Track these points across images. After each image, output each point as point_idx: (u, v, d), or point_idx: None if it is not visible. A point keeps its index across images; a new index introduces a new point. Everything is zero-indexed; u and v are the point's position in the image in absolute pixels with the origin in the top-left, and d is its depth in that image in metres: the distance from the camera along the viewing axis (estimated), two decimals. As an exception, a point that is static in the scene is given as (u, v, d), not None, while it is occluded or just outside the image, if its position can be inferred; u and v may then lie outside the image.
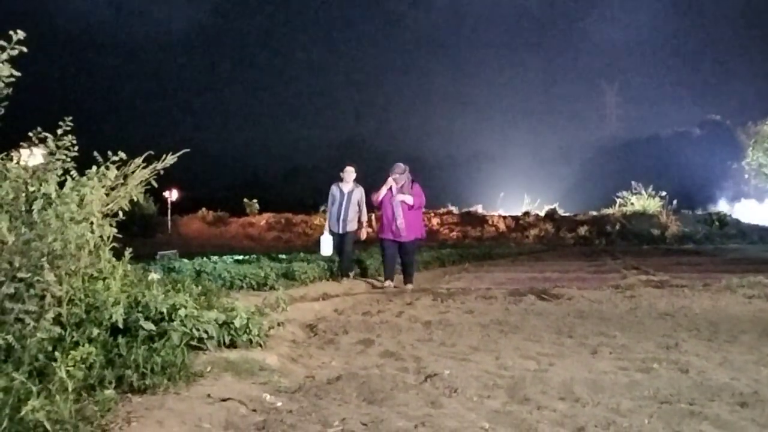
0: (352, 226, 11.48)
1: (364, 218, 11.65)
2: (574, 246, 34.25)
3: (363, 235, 11.72)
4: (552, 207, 42.08)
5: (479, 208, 42.25)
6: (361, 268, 12.85)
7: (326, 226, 11.74)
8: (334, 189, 11.68)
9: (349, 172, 11.63)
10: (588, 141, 59.38)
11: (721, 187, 49.65)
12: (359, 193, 11.57)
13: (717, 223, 37.12)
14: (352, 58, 60.42)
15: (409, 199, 11.13)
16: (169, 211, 36.88)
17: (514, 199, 45.14)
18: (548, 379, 4.23)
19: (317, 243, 12.15)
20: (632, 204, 40.59)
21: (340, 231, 11.42)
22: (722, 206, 47.37)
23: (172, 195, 37.00)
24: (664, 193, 39.81)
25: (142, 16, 56.81)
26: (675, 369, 4.58)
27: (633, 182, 41.17)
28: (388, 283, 11.15)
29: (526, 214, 41.25)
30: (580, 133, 60.14)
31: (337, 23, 58.68)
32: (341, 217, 11.43)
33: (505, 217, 40.64)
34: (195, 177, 35.37)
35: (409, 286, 10.96)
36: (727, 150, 51.37)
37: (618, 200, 41.40)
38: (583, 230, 37.42)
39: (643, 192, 40.64)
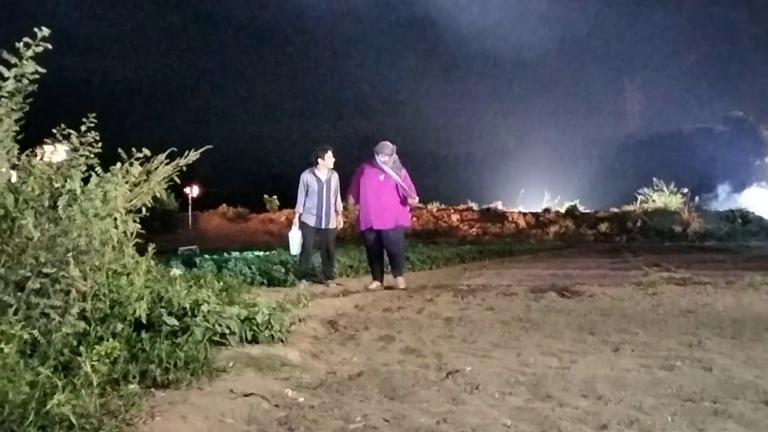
0: (334, 220, 10.26)
1: (340, 207, 10.42)
2: (594, 243, 34.12)
3: (340, 224, 10.54)
4: (572, 204, 41.91)
5: (499, 205, 42.16)
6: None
7: (295, 221, 10.31)
8: (308, 178, 10.18)
9: (330, 158, 10.23)
10: (609, 137, 58.97)
11: (743, 183, 49.17)
12: (336, 180, 10.33)
13: (739, 220, 36.85)
14: (372, 54, 60.39)
15: (414, 201, 10.36)
16: (190, 207, 37.05)
17: (534, 195, 44.97)
18: (570, 377, 4.22)
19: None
20: (653, 201, 40.32)
21: (322, 226, 10.11)
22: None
23: (193, 191, 37.18)
24: (686, 190, 39.56)
25: (161, 13, 56.98)
26: (698, 367, 4.55)
27: (654, 179, 40.90)
28: (375, 284, 10.16)
29: (547, 210, 41.12)
30: (601, 130, 59.73)
31: (356, 19, 58.68)
32: (323, 211, 10.07)
33: (525, 214, 40.52)
34: (216, 173, 35.47)
35: (401, 280, 10.07)
36: (750, 146, 50.95)
37: (639, 197, 41.15)
38: (603, 227, 37.27)
39: (665, 189, 40.37)
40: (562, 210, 41.26)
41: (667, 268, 13.59)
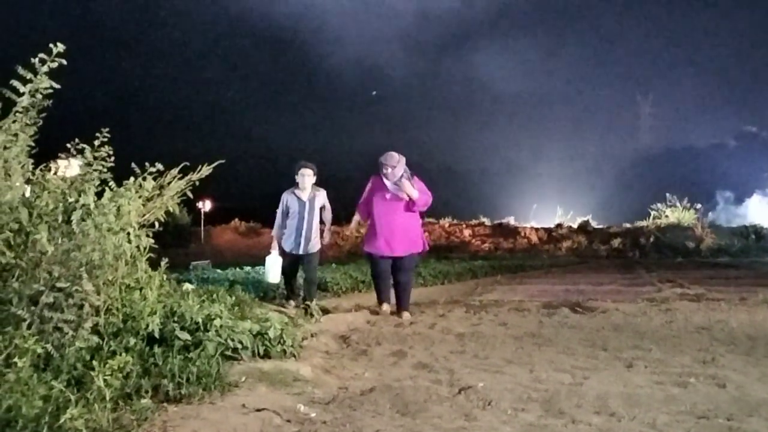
0: (316, 245, 8.83)
1: (328, 222, 9.02)
2: (607, 258, 33.92)
3: (327, 239, 9.04)
4: (585, 219, 41.72)
5: (511, 220, 42.00)
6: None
7: (273, 245, 9.06)
8: (288, 198, 8.89)
9: (307, 176, 8.79)
10: (622, 152, 58.83)
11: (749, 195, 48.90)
12: (322, 197, 8.90)
13: (753, 236, 36.63)
14: (381, 68, 60.51)
15: (414, 193, 8.46)
16: (202, 222, 37.16)
17: (546, 211, 44.83)
18: (583, 393, 4.20)
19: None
20: (666, 216, 40.13)
21: (301, 252, 8.69)
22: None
23: (206, 205, 37.30)
24: (699, 206, 39.39)
25: (180, 26, 57.28)
26: (712, 384, 4.53)
27: (668, 194, 40.73)
28: (385, 306, 8.69)
29: (559, 226, 40.94)
30: (613, 145, 59.61)
31: (367, 34, 58.86)
32: (303, 234, 8.72)
33: (537, 229, 40.36)
34: (228, 188, 35.57)
35: (407, 316, 8.32)
36: (763, 161, 50.76)
37: (652, 212, 40.96)
38: (616, 242, 37.07)
39: (678, 204, 40.19)
40: (575, 225, 41.09)
41: (680, 284, 13.50)
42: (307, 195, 8.79)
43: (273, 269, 8.80)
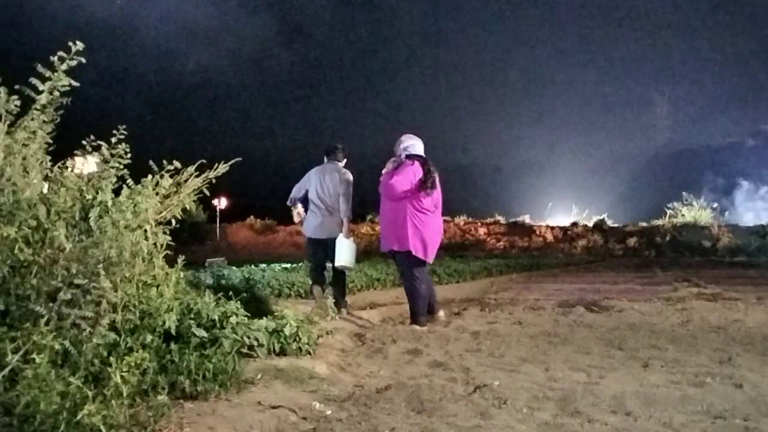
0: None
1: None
2: (623, 257, 33.82)
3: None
4: (600, 218, 41.58)
5: (527, 219, 41.92)
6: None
7: (347, 228, 8.08)
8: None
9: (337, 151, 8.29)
10: (638, 151, 58.61)
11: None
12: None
13: (771, 236, 36.40)
14: (395, 65, 60.47)
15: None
16: (217, 219, 37.28)
17: (562, 209, 44.76)
18: (599, 392, 4.19)
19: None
20: (683, 215, 39.93)
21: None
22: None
23: (221, 203, 37.42)
24: (715, 205, 39.21)
25: (192, 27, 57.39)
26: (729, 384, 4.50)
27: (684, 193, 40.53)
28: (433, 316, 7.56)
29: (574, 224, 40.83)
30: (629, 143, 59.38)
31: (380, 31, 58.83)
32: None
33: (552, 228, 40.26)
34: (243, 185, 35.67)
35: (416, 328, 7.05)
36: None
37: (668, 211, 40.76)
38: (632, 241, 36.94)
39: (694, 203, 39.98)
40: (590, 224, 40.95)
41: (696, 283, 13.45)
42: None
43: (349, 252, 7.86)
